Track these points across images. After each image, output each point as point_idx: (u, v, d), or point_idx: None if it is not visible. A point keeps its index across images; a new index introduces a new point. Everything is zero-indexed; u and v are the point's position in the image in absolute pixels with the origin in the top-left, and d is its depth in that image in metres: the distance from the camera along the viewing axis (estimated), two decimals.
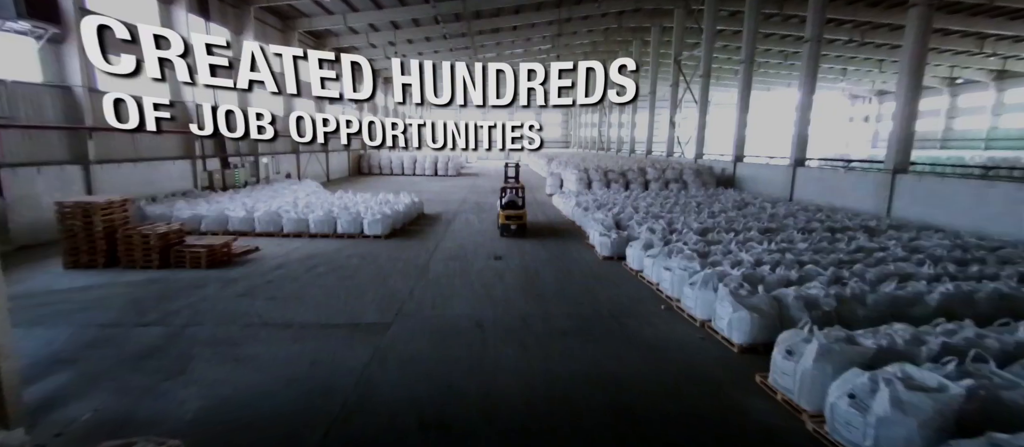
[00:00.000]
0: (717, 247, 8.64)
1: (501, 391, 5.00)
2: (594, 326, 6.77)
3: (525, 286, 8.59)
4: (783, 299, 6.00)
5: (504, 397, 4.87)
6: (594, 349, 6.03)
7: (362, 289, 8.25)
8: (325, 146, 28.99)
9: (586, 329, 6.65)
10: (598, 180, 20.00)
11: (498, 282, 8.79)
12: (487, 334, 6.44)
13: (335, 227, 12.52)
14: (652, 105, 32.27)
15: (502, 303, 7.66)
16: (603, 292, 8.28)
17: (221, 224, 12.43)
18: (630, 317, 7.12)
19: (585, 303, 7.74)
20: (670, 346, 6.13)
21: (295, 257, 10.39)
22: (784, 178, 16.65)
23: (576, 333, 6.51)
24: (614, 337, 6.42)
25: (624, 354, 5.90)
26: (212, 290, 8.06)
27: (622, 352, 5.96)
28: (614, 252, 10.38)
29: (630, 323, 6.88)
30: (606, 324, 6.86)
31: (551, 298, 7.97)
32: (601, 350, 6.01)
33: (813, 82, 15.73)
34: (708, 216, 12.21)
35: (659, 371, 5.50)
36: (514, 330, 6.56)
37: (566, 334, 6.48)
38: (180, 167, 15.70)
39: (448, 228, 14.10)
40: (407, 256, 10.65)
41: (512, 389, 5.06)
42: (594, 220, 11.90)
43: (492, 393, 4.96)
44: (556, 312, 7.29)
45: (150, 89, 6.29)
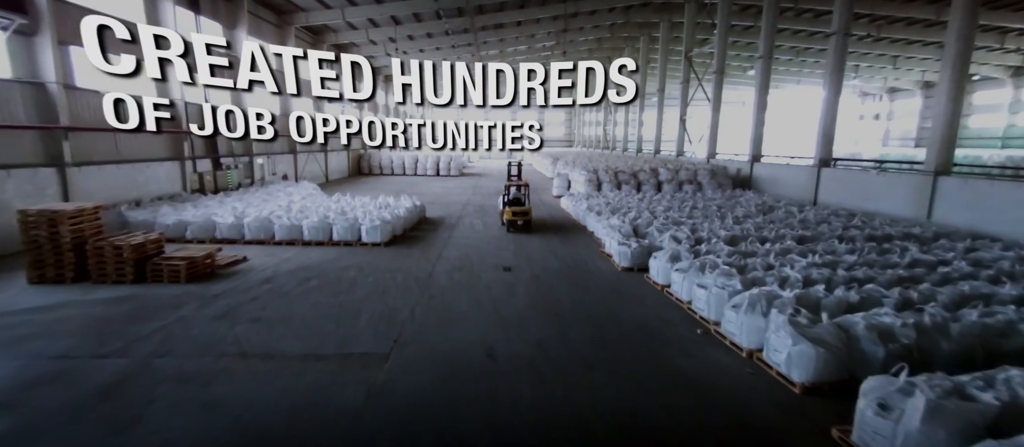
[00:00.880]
0: (754, 260, 7.71)
1: (520, 443, 4.12)
2: (622, 355, 5.86)
3: (539, 303, 7.68)
4: (850, 329, 5.08)
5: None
6: (625, 386, 5.12)
7: (357, 308, 7.35)
8: (324, 146, 28.12)
9: (613, 359, 5.74)
10: (608, 181, 19.07)
11: (508, 298, 7.89)
12: (499, 365, 5.55)
13: (331, 234, 11.63)
14: (660, 103, 31.33)
15: (514, 324, 6.76)
16: (627, 311, 7.36)
17: (208, 231, 11.55)
18: (662, 343, 6.21)
19: (608, 325, 6.82)
20: (715, 383, 5.21)
21: (285, 269, 9.50)
22: (807, 179, 15.71)
23: (602, 364, 5.61)
24: (646, 369, 5.51)
25: (661, 393, 4.99)
26: (189, 310, 7.17)
27: (658, 390, 5.05)
28: (634, 263, 9.46)
29: (664, 352, 5.96)
30: (635, 352, 5.95)
31: (569, 318, 7.06)
32: (633, 387, 5.11)
33: (840, 77, 14.77)
34: (733, 222, 11.29)
35: (704, 415, 4.60)
36: (530, 360, 5.66)
37: (591, 366, 5.57)
38: (168, 169, 14.82)
39: (452, 234, 13.20)
40: (408, 267, 9.75)
41: (533, 440, 4.18)
42: (610, 227, 10.99)
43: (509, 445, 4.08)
44: (576, 336, 6.39)
45: (138, 88, 5.83)
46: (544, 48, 37.25)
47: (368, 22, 25.54)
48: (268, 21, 22.47)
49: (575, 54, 39.15)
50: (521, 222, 13.08)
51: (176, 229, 11.49)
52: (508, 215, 13.08)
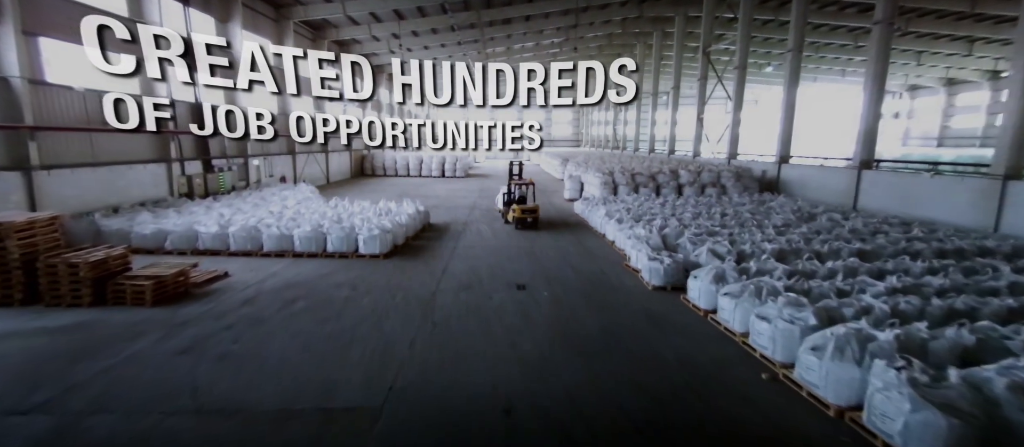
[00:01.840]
0: (818, 284, 6.47)
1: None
2: (672, 409, 4.66)
3: (561, 333, 6.49)
4: (984, 388, 3.86)
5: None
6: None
7: (347, 339, 6.19)
8: (325, 147, 27.07)
9: (663, 417, 4.54)
10: (625, 184, 17.84)
11: (525, 327, 6.70)
12: (520, 426, 4.37)
13: (325, 244, 10.50)
14: (674, 101, 30.04)
15: (535, 366, 5.57)
16: (669, 345, 6.15)
17: (189, 242, 10.45)
18: (721, 392, 5.00)
19: (650, 365, 5.62)
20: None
21: (270, 286, 8.36)
22: (845, 182, 14.41)
23: (650, 425, 4.41)
24: (709, 434, 4.31)
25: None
26: (147, 343, 6.03)
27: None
28: (667, 281, 8.25)
29: (725, 406, 4.75)
30: (688, 405, 4.74)
31: (600, 355, 5.86)
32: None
33: (883, 70, 13.47)
34: (775, 232, 10.03)
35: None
36: (559, 422, 4.47)
37: (638, 427, 4.38)
38: (152, 172, 13.75)
39: (458, 243, 12.03)
40: (409, 284, 8.59)
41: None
42: (636, 238, 9.77)
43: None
44: (612, 382, 5.19)
45: (122, 86, 5.70)
46: (552, 45, 36.03)
47: (370, 17, 24.43)
48: (265, 15, 21.29)
49: (585, 51, 37.93)
50: (531, 219, 13.55)
51: (154, 239, 10.40)
52: (518, 213, 13.45)
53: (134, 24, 4.96)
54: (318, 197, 16.67)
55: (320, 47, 25.67)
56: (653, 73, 32.78)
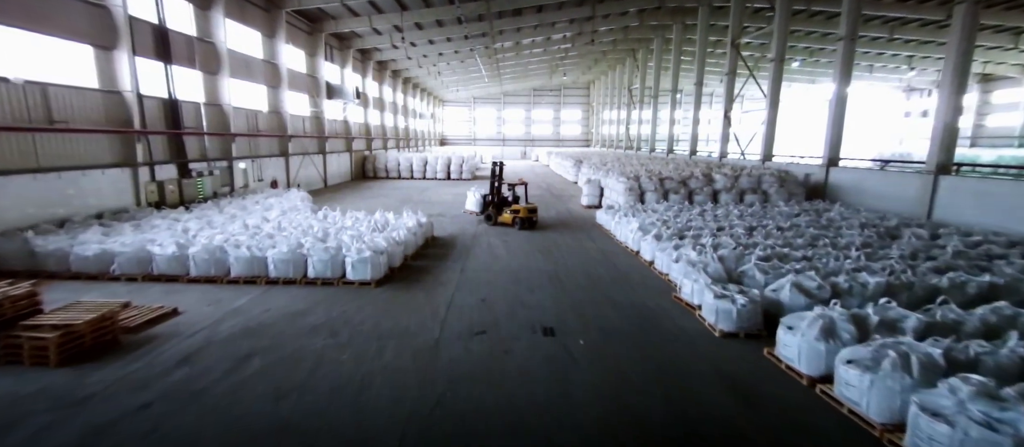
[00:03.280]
0: (989, 350, 4.50)
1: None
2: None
3: (614, 411, 4.59)
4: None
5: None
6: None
7: (312, 428, 4.31)
8: (322, 148, 25.28)
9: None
10: (652, 190, 15.87)
11: (562, 403, 4.78)
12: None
13: (305, 268, 8.65)
14: (698, 98, 27.96)
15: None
16: (780, 441, 4.21)
17: (141, 265, 8.63)
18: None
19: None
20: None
21: (225, 332, 6.50)
22: (916, 189, 12.36)
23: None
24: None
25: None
26: (19, 438, 4.18)
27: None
28: (742, 326, 6.30)
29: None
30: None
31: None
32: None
33: (968, 58, 11.43)
34: (863, 256, 8.03)
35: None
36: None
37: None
38: (114, 178, 11.94)
39: (465, 262, 10.13)
40: (404, 327, 6.71)
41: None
42: (690, 264, 7.82)
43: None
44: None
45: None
46: (564, 39, 34.05)
47: (370, 7, 22.69)
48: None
49: (599, 44, 35.95)
50: (535, 218, 13.71)
51: (98, 262, 8.59)
52: (524, 212, 13.47)
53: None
54: (308, 206, 14.81)
55: (317, 40, 23.91)
56: (672, 69, 30.72)
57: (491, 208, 14.10)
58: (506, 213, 13.76)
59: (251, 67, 18.38)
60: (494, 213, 13.99)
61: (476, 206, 15.51)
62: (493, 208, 14.05)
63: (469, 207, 16.05)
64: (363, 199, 20.79)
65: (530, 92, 62.30)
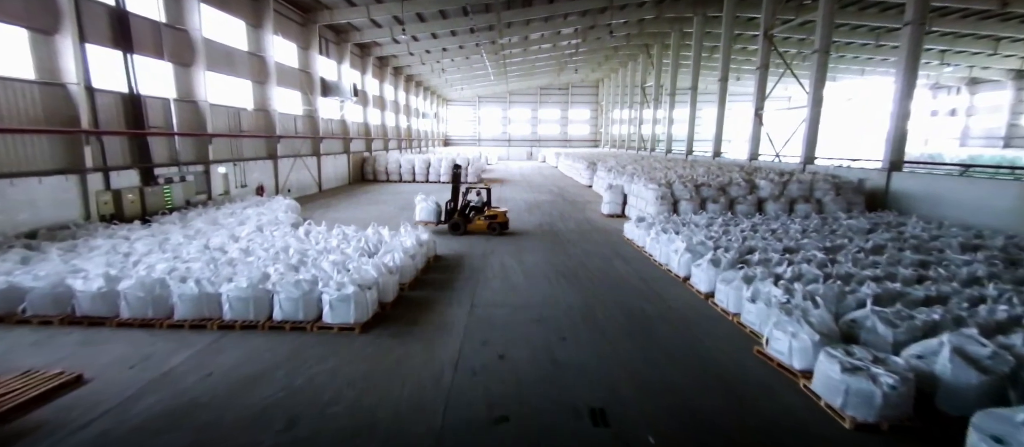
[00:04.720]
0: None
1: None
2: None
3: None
4: None
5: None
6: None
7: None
8: (316, 149, 23.36)
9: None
10: (688, 199, 13.84)
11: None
12: None
13: (271, 308, 6.70)
14: (722, 95, 25.86)
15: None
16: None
17: (59, 305, 6.69)
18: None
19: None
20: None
21: (139, 416, 4.54)
22: (1012, 199, 10.30)
23: None
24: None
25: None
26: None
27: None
28: (886, 415, 4.29)
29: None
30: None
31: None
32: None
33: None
34: (996, 294, 6.00)
35: None
36: None
37: None
38: (55, 186, 10.01)
39: (474, 296, 8.14)
40: (394, 408, 4.73)
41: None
42: (778, 309, 5.81)
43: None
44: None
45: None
46: (575, 33, 32.04)
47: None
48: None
49: (612, 39, 33.89)
50: (501, 225, 12.88)
51: (4, 301, 6.67)
52: (502, 218, 12.86)
53: None
54: (291, 217, 12.83)
55: (311, 33, 22.01)
56: (693, 64, 28.67)
57: (457, 215, 12.56)
58: (480, 219, 12.54)
59: (234, 60, 16.45)
60: (462, 221, 12.51)
61: (429, 215, 13.49)
62: (460, 216, 12.55)
63: (420, 217, 13.67)
64: (359, 206, 18.86)
65: (537, 91, 60.28)
